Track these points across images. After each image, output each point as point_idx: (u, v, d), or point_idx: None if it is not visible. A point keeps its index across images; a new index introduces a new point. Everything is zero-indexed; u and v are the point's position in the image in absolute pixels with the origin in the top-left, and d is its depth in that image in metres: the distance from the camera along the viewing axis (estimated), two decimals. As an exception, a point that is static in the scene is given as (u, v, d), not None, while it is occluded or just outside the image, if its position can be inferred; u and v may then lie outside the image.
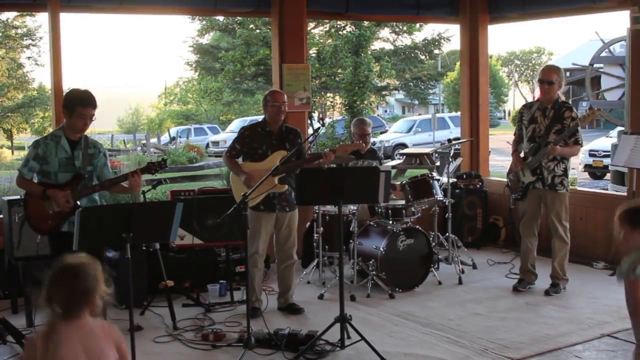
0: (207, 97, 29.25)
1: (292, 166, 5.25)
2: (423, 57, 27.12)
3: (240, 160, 5.60)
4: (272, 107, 5.45)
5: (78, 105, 4.64)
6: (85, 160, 4.74)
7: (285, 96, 5.60)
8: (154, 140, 30.56)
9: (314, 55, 20.89)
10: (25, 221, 4.90)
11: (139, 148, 27.02)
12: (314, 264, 6.48)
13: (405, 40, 25.69)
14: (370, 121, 7.03)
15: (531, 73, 56.11)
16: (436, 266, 6.65)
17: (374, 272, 6.05)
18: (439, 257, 6.84)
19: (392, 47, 25.52)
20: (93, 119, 4.72)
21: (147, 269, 5.79)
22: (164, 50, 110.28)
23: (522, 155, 6.04)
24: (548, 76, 5.83)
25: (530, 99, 7.07)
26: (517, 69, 59.93)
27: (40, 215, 4.65)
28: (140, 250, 5.66)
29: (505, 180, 6.41)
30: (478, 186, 8.02)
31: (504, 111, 51.88)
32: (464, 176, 8.06)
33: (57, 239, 4.64)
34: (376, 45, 24.08)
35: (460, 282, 6.40)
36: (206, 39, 26.44)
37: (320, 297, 5.97)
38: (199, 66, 26.92)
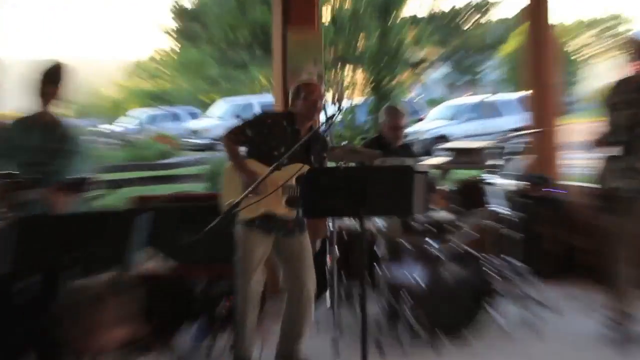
0: (186, 72, 29.49)
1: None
2: (468, 26, 27.46)
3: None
4: (305, 102, 5.48)
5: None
6: None
7: (323, 89, 5.73)
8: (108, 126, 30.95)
9: (328, 19, 21.08)
10: None
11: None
12: (327, 297, 6.38)
13: (445, 4, 25.97)
14: (405, 111, 7.20)
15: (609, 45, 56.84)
16: (497, 306, 6.49)
17: (408, 312, 5.98)
18: (501, 293, 6.66)
19: (427, 14, 25.78)
20: (56, 97, 5.15)
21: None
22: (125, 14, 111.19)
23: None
24: None
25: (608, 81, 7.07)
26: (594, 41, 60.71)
27: None
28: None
29: (592, 186, 6.25)
30: (552, 195, 8.01)
31: (574, 96, 52.45)
32: (532, 181, 8.03)
33: None
34: (410, 8, 24.28)
35: (532, 329, 6.35)
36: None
37: (334, 344, 5.86)
38: (180, 35, 27.32)
